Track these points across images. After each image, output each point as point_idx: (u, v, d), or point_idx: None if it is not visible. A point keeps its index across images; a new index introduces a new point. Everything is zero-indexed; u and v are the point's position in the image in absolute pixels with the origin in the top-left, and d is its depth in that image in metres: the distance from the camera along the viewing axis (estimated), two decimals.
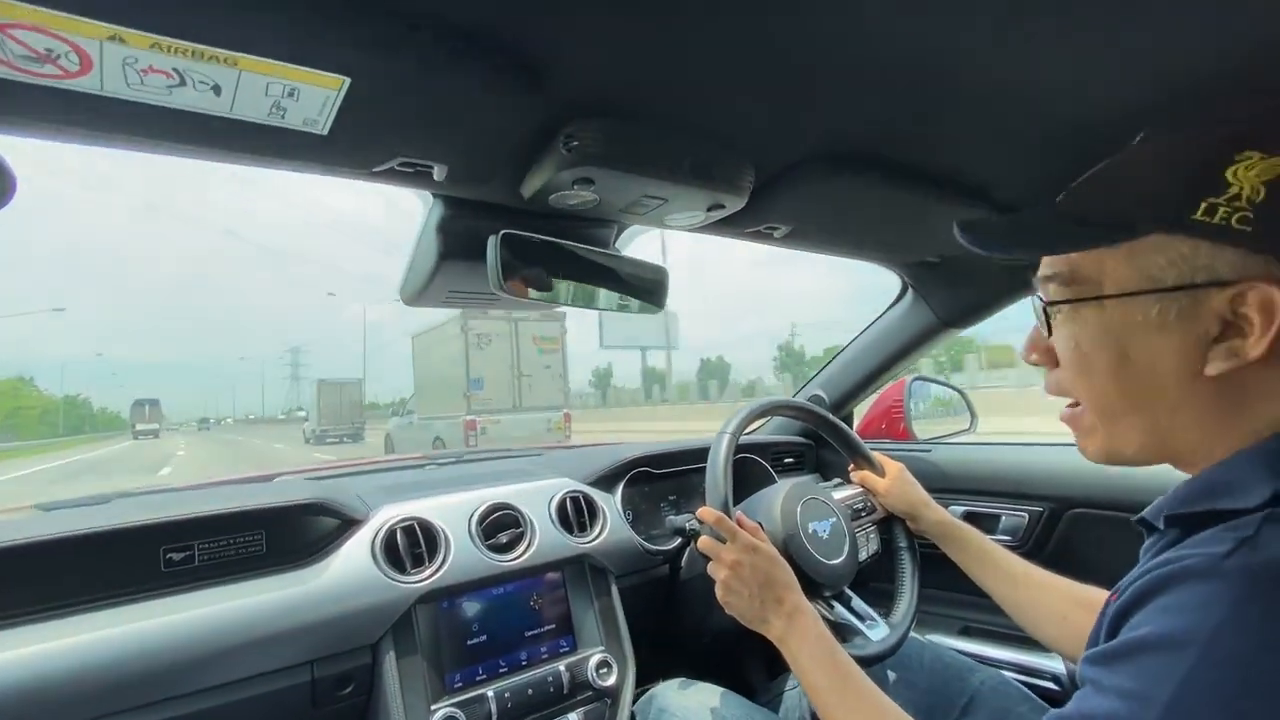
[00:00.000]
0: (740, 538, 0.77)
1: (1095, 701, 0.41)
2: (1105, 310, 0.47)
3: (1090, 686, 0.42)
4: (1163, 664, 0.38)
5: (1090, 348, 0.48)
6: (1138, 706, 0.38)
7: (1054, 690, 1.08)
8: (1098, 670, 0.42)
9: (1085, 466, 1.14)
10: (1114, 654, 0.41)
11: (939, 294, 1.24)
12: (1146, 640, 0.39)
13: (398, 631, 0.83)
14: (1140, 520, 0.50)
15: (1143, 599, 0.41)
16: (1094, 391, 0.49)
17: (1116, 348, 0.46)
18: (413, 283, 0.84)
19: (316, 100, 0.47)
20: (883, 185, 0.81)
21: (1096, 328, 0.47)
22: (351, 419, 26.72)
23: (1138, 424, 0.48)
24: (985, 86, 0.60)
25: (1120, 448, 0.50)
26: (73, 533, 0.71)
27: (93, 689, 0.65)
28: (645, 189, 0.70)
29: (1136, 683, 0.38)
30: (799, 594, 0.74)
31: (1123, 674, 0.40)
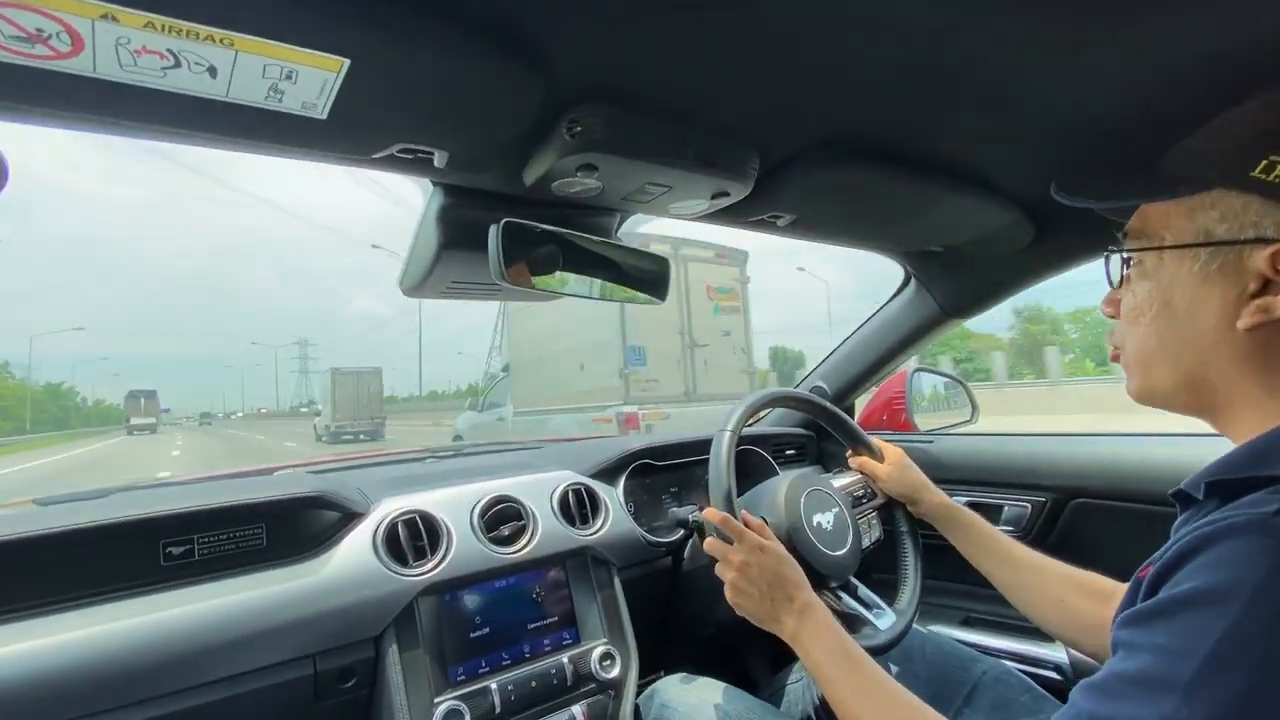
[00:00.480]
0: (747, 538, 0.76)
1: (1129, 662, 0.40)
2: (1162, 261, 0.50)
3: (1123, 648, 0.42)
4: (1204, 618, 0.38)
5: (1142, 296, 0.51)
6: (1175, 661, 0.37)
7: (1056, 680, 1.08)
8: (1131, 631, 0.42)
9: (1089, 456, 1.15)
10: (1150, 612, 0.41)
11: (942, 284, 1.23)
12: (1188, 596, 0.39)
13: (400, 625, 0.82)
14: (1177, 494, 0.50)
15: (1183, 558, 0.41)
16: (1136, 337, 0.52)
17: (1163, 296, 0.50)
18: (413, 273, 0.83)
19: (315, 83, 0.46)
20: (887, 174, 0.80)
21: (1152, 278, 0.51)
22: (371, 413, 23.81)
23: (1172, 369, 0.51)
24: (991, 77, 0.59)
25: (1155, 387, 0.53)
26: (71, 527, 0.71)
27: (92, 684, 0.65)
28: (649, 176, 0.69)
29: (1174, 638, 0.38)
30: (808, 591, 0.74)
31: (1159, 631, 0.40)
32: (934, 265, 1.20)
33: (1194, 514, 0.48)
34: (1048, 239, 1.00)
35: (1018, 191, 0.89)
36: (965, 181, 0.85)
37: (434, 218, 0.77)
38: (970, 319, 1.28)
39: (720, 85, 0.60)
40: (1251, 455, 0.45)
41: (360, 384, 24.08)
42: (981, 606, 1.25)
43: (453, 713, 0.81)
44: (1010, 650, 1.15)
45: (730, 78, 0.59)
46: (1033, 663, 1.11)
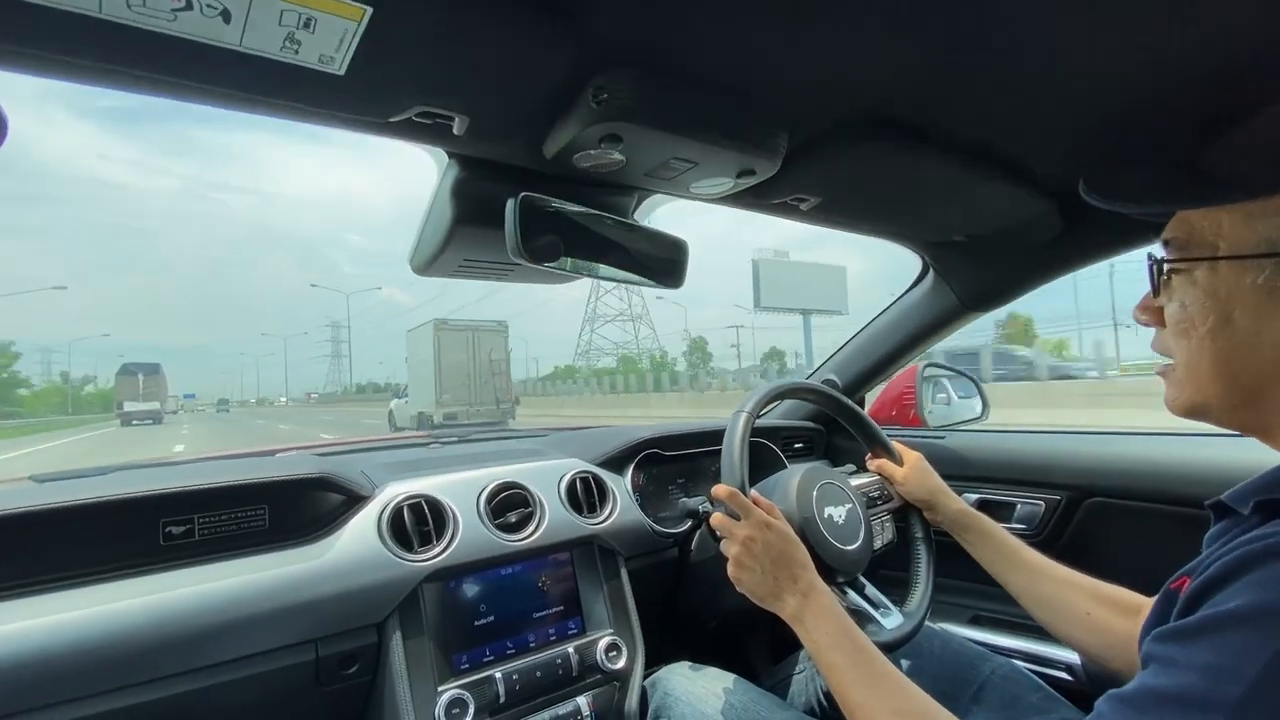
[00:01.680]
0: (754, 514, 0.75)
1: (1166, 678, 0.39)
2: (1217, 272, 0.47)
3: (1158, 664, 0.40)
4: (1252, 638, 0.36)
5: (1195, 309, 0.48)
6: (1220, 681, 0.36)
7: (1067, 680, 1.06)
8: (1170, 647, 0.40)
9: (1105, 454, 1.13)
10: (1193, 629, 0.39)
11: (961, 275, 1.21)
12: (1234, 614, 0.37)
13: (404, 611, 0.81)
14: (1216, 505, 0.49)
15: (1230, 576, 0.39)
16: (1190, 351, 0.49)
17: (1221, 310, 0.46)
18: (424, 251, 0.81)
19: (334, 34, 0.43)
20: (917, 158, 0.78)
21: (1205, 289, 0.48)
22: (495, 393, 15.04)
23: (1228, 386, 0.48)
24: (1029, 57, 0.57)
25: (1208, 404, 0.50)
26: (68, 503, 0.69)
27: (90, 664, 0.63)
28: (675, 150, 0.66)
29: (1219, 657, 0.37)
30: (814, 573, 0.73)
31: (1203, 649, 0.38)
32: (954, 256, 1.17)
33: (1234, 528, 0.46)
34: (1077, 231, 0.97)
35: (1049, 181, 0.86)
36: (996, 168, 0.83)
37: (448, 191, 0.74)
38: (989, 312, 1.25)
39: (753, 56, 0.58)
40: None
41: (477, 346, 15.09)
42: (991, 605, 1.23)
43: (456, 702, 0.79)
44: (1020, 649, 1.13)
45: (764, 48, 0.56)
46: (1043, 662, 1.10)
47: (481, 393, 14.91)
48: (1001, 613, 1.21)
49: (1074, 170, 0.80)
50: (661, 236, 0.89)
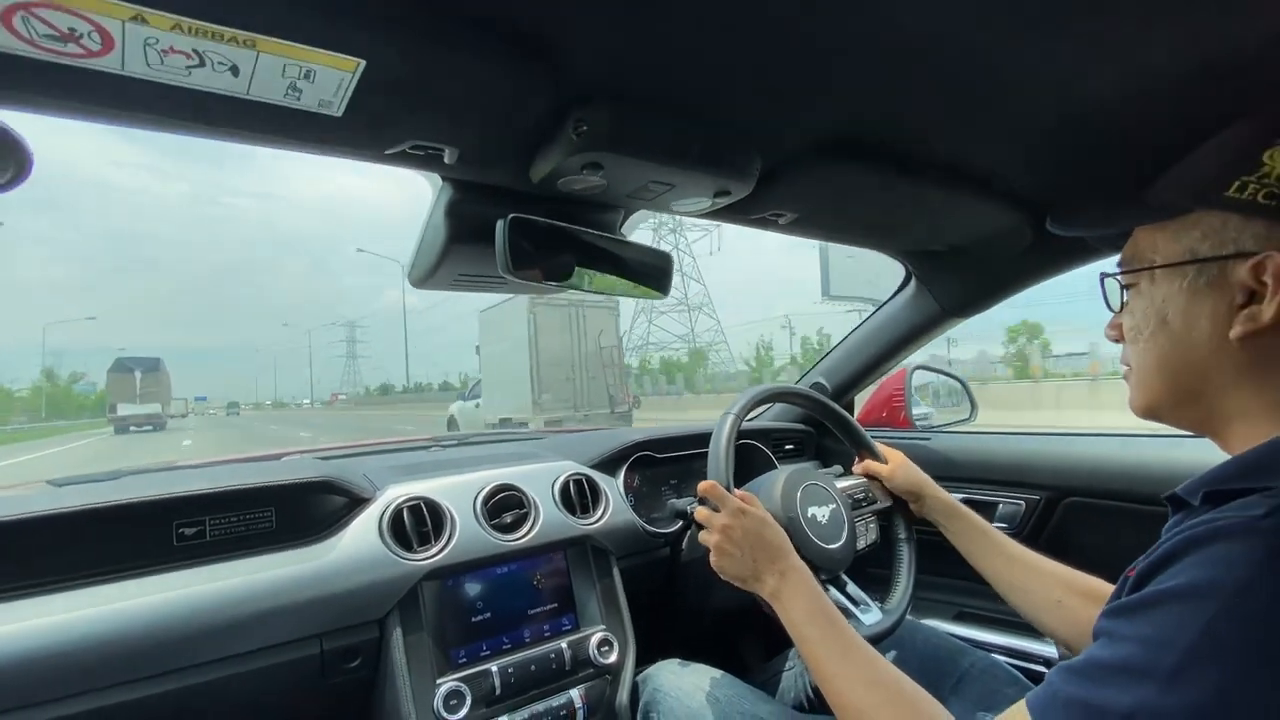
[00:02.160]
0: (730, 502, 0.79)
1: (1111, 650, 0.42)
2: (1155, 282, 0.53)
3: (1105, 637, 0.44)
4: (1187, 611, 0.39)
5: (1140, 317, 0.54)
6: (1155, 651, 0.39)
7: (1044, 673, 1.09)
8: (1115, 621, 0.44)
9: (1082, 456, 1.16)
10: (1135, 605, 0.43)
11: (943, 283, 1.24)
12: (1173, 590, 0.41)
13: (404, 608, 0.84)
14: (1171, 497, 0.53)
15: (1172, 557, 0.43)
16: (1139, 355, 0.55)
17: (1158, 314, 0.52)
18: (421, 265, 0.85)
19: (332, 82, 0.48)
20: (889, 175, 0.81)
21: (1146, 299, 0.53)
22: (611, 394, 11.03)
23: (1171, 384, 0.53)
24: (994, 78, 0.60)
25: (1157, 402, 0.55)
26: (86, 506, 0.73)
27: (107, 659, 0.67)
28: (653, 175, 0.70)
29: (1156, 630, 0.40)
30: (792, 554, 0.77)
31: (1142, 622, 0.42)
32: (935, 264, 1.21)
33: (1185, 517, 0.49)
34: (1048, 241, 1.01)
35: (1019, 193, 0.89)
36: (967, 183, 0.86)
37: (443, 212, 0.78)
38: (970, 318, 1.29)
39: (723, 85, 0.61)
40: (1244, 466, 0.47)
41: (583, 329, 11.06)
42: (974, 602, 1.26)
43: (454, 693, 0.83)
44: (1001, 645, 1.17)
45: (734, 78, 0.60)
46: (1022, 657, 1.13)
47: (591, 391, 11.01)
48: (985, 609, 1.24)
49: (1042, 182, 0.84)
50: (647, 249, 0.93)
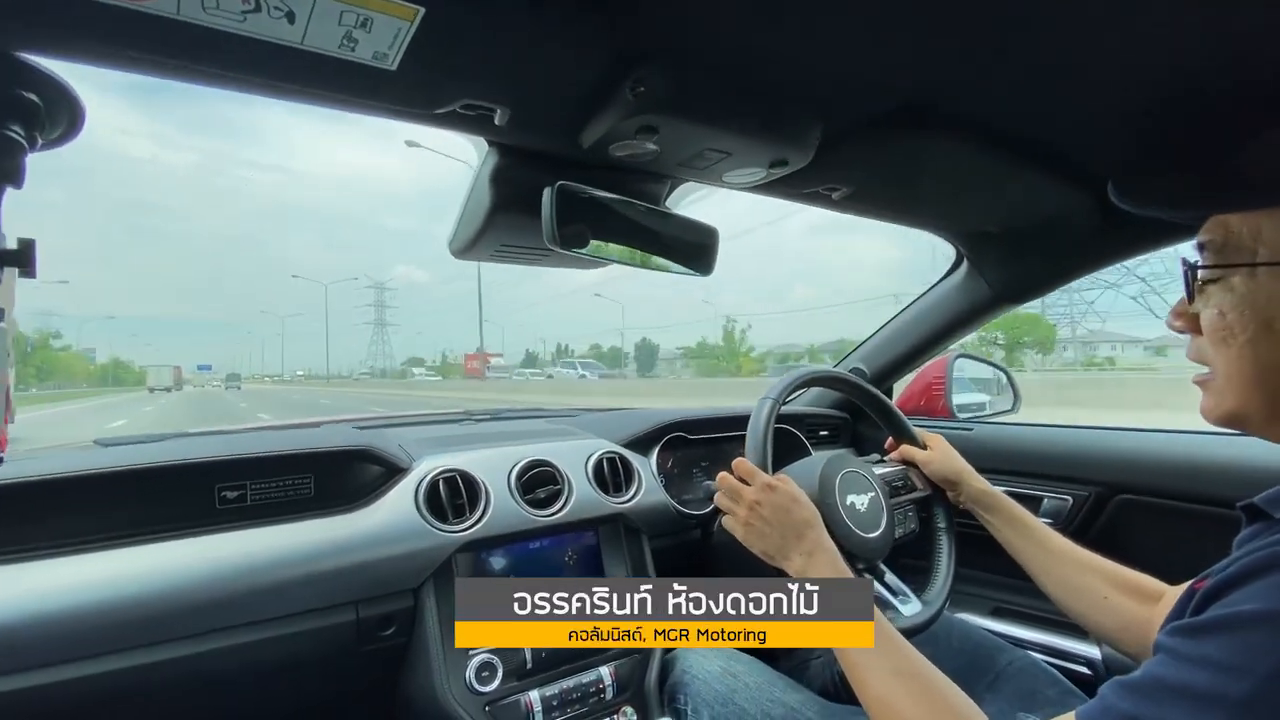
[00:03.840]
0: (759, 477, 0.79)
1: (1174, 670, 0.40)
2: (1256, 279, 0.46)
3: (1167, 655, 0.41)
4: (1264, 639, 0.37)
5: (1234, 317, 0.47)
6: (1227, 678, 0.37)
7: (1087, 675, 1.07)
8: (1179, 640, 0.41)
9: (1138, 452, 1.11)
10: (1205, 626, 0.40)
11: (996, 266, 1.18)
12: (1249, 615, 0.38)
13: (438, 579, 0.85)
14: (1247, 506, 0.49)
15: (1247, 577, 0.40)
16: (1229, 360, 0.48)
17: (1261, 318, 0.46)
18: (463, 234, 0.83)
19: (389, 32, 0.46)
20: (953, 148, 0.77)
21: (1243, 296, 0.47)
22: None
23: (1271, 397, 0.47)
24: (1071, 48, 0.56)
25: (1248, 414, 0.49)
26: (133, 465, 0.74)
27: (147, 617, 0.68)
28: (709, 141, 0.67)
29: (1228, 655, 0.37)
30: (820, 531, 0.76)
31: (1212, 645, 0.39)
32: (990, 246, 1.15)
33: (1264, 531, 0.46)
34: (1119, 223, 0.95)
35: (1090, 172, 0.84)
36: (1034, 159, 0.81)
37: (487, 178, 0.77)
38: (1023, 305, 1.24)
39: (787, 48, 0.58)
40: None
41: None
42: (1012, 597, 1.23)
43: (486, 665, 0.84)
44: (1040, 642, 1.14)
45: (798, 40, 0.56)
46: (1063, 656, 1.10)
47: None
48: (1023, 605, 1.21)
49: (1115, 162, 0.79)
50: (693, 223, 0.90)
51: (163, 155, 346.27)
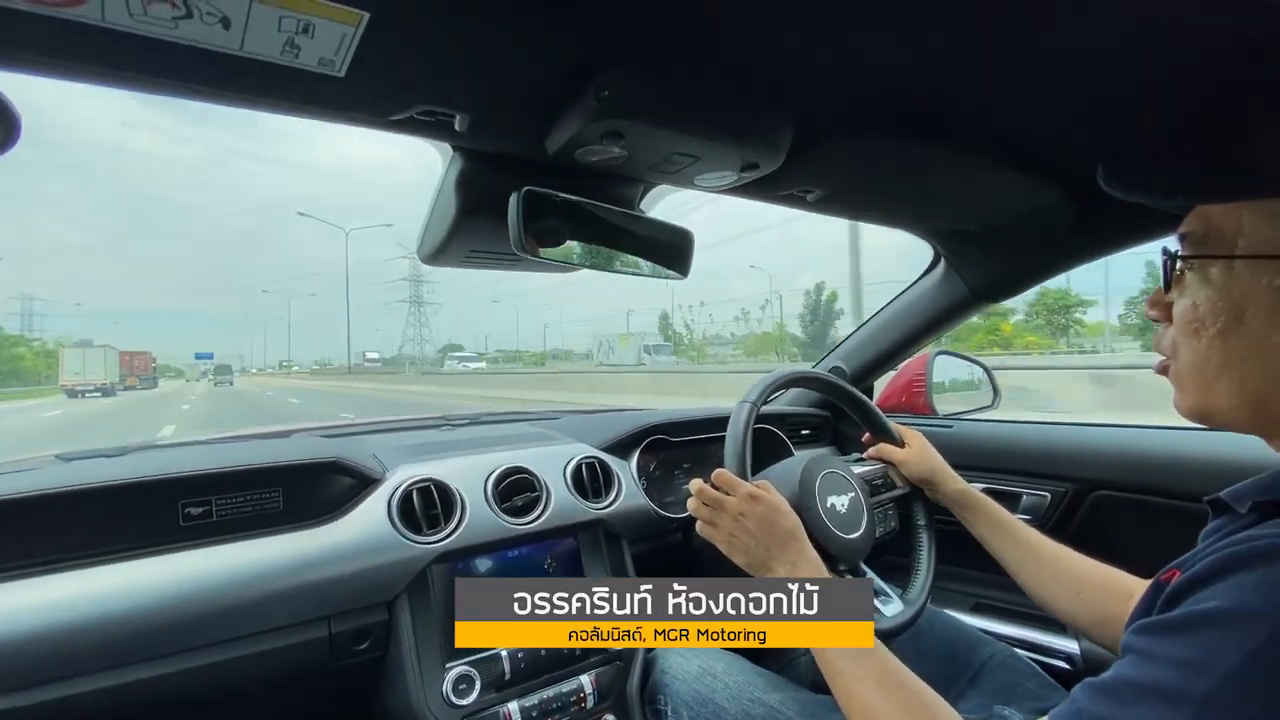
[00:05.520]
0: (741, 488, 0.78)
1: (1142, 670, 0.40)
2: (1233, 271, 0.45)
3: (1135, 655, 0.41)
4: (1228, 637, 0.37)
5: (1206, 308, 0.47)
6: (1191, 676, 0.37)
7: (1066, 669, 1.07)
8: (1149, 639, 0.41)
9: (1113, 448, 1.12)
10: (1173, 624, 0.40)
11: (973, 265, 1.18)
12: (1214, 613, 0.38)
13: (413, 591, 0.83)
14: (1214, 501, 0.49)
15: (1214, 575, 0.40)
16: (1196, 352, 0.48)
17: (1233, 311, 0.45)
18: (430, 241, 0.81)
19: (333, 37, 0.44)
20: (925, 149, 0.76)
21: (1218, 288, 0.46)
22: None
23: (1236, 389, 0.46)
24: (1044, 43, 0.55)
25: (1214, 407, 0.48)
26: (92, 484, 0.72)
27: (113, 639, 0.66)
28: (677, 146, 0.66)
29: (1194, 653, 0.38)
30: (804, 542, 0.75)
31: (1180, 644, 0.39)
32: (967, 246, 1.15)
33: (1228, 525, 0.46)
34: (1091, 222, 0.95)
35: (1062, 170, 0.84)
36: (1009, 156, 0.80)
37: (453, 184, 0.75)
38: (1000, 303, 1.24)
39: (755, 51, 0.56)
40: None
41: None
42: (992, 593, 1.24)
43: (463, 678, 0.82)
44: (1020, 638, 1.14)
45: (766, 43, 0.55)
46: (1042, 651, 1.11)
47: None
48: (1003, 601, 1.22)
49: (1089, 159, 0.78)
50: (667, 226, 0.88)
51: (166, 148, 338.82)
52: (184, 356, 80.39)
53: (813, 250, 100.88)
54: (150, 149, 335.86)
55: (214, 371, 53.20)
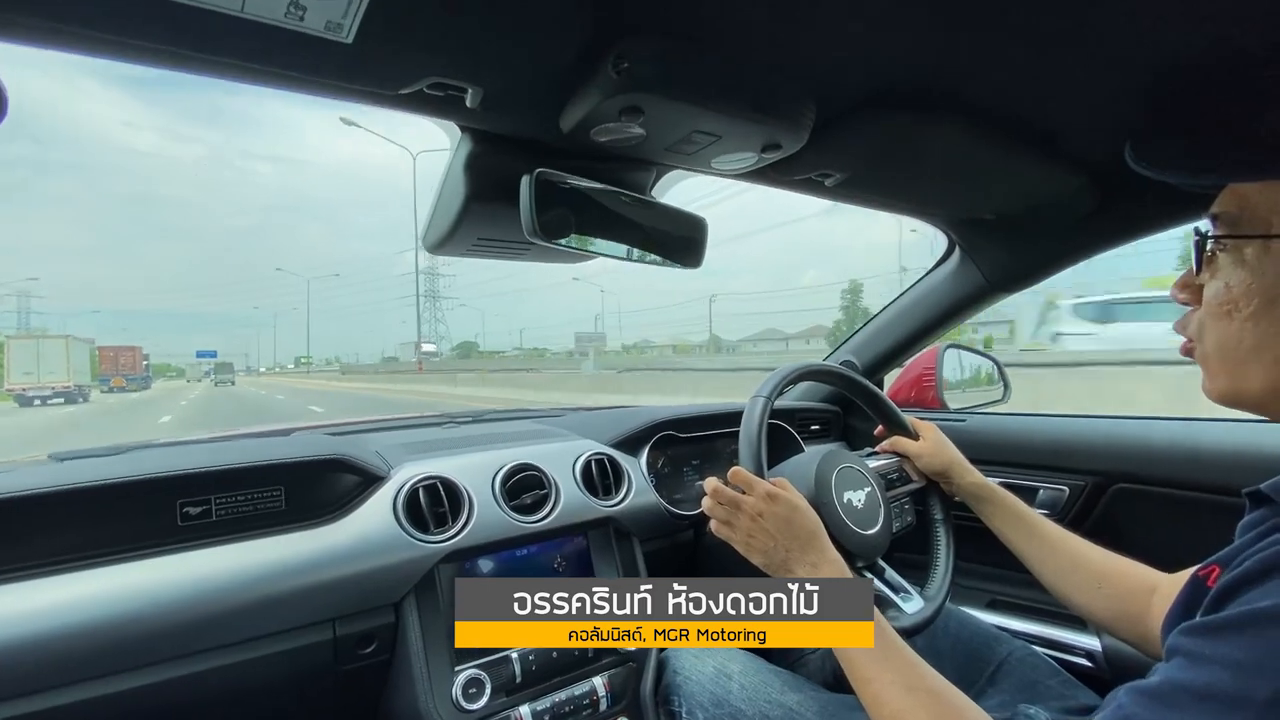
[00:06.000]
0: (759, 487, 0.75)
1: (1194, 673, 0.38)
2: (1269, 252, 0.44)
3: (1185, 658, 0.39)
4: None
5: (1240, 290, 0.46)
6: (1249, 679, 0.35)
7: (1087, 666, 1.05)
8: (1197, 641, 0.39)
9: (1133, 440, 1.10)
10: (1223, 625, 0.38)
11: (990, 254, 1.16)
12: (1268, 613, 0.36)
13: (420, 592, 0.81)
14: (1253, 493, 0.47)
15: (1266, 573, 0.38)
16: (1228, 334, 0.47)
17: (1267, 292, 0.44)
18: (437, 228, 0.79)
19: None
20: (948, 131, 0.75)
21: (1253, 269, 0.45)
22: None
23: (1268, 372, 0.45)
24: (1068, 25, 0.53)
25: (1245, 390, 0.47)
26: (88, 483, 0.69)
27: (110, 643, 0.64)
28: (698, 123, 0.63)
29: (1251, 654, 0.36)
30: (824, 540, 0.73)
31: (1234, 645, 0.37)
32: (983, 234, 1.13)
33: (1271, 518, 0.44)
34: (1113, 207, 0.93)
35: (1086, 154, 0.82)
36: (1030, 142, 0.79)
37: (461, 167, 0.72)
38: (1017, 293, 1.21)
39: (782, 25, 0.54)
40: None
41: None
42: (1008, 589, 1.22)
43: (473, 681, 0.80)
44: (1038, 635, 1.12)
45: (793, 18, 0.53)
46: (1062, 648, 1.08)
47: None
48: (1020, 597, 1.19)
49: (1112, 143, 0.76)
50: (680, 214, 0.86)
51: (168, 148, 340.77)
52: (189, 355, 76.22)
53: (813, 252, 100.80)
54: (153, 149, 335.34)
55: (215, 370, 50.39)
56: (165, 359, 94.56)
